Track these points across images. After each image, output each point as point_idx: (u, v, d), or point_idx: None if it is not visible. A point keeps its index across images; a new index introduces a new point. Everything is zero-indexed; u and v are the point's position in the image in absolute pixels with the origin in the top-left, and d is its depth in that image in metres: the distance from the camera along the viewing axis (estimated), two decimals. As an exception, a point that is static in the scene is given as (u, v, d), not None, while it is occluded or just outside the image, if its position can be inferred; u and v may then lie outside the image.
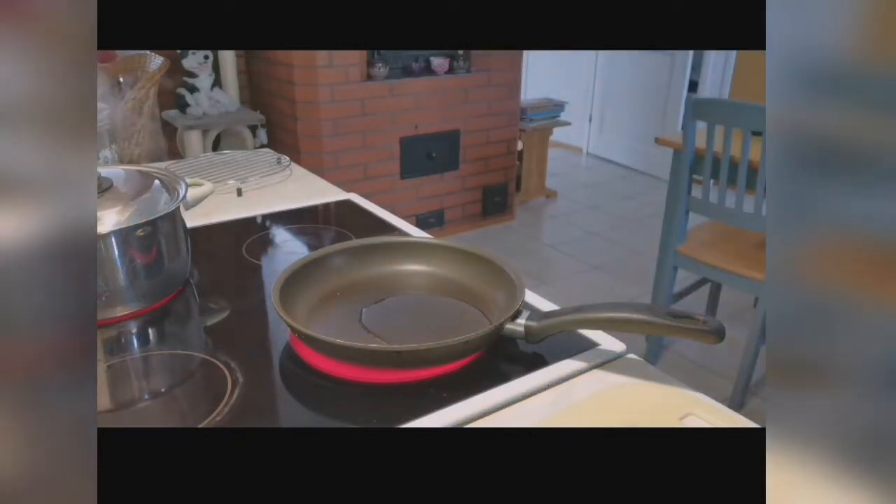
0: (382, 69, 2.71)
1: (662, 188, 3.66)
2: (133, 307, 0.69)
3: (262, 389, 0.57)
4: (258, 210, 1.01)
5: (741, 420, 0.53)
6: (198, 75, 2.53)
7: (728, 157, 1.67)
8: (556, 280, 2.72)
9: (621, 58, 4.15)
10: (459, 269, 0.72)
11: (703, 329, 0.54)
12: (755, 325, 1.74)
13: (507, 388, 0.57)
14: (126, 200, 0.68)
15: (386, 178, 2.86)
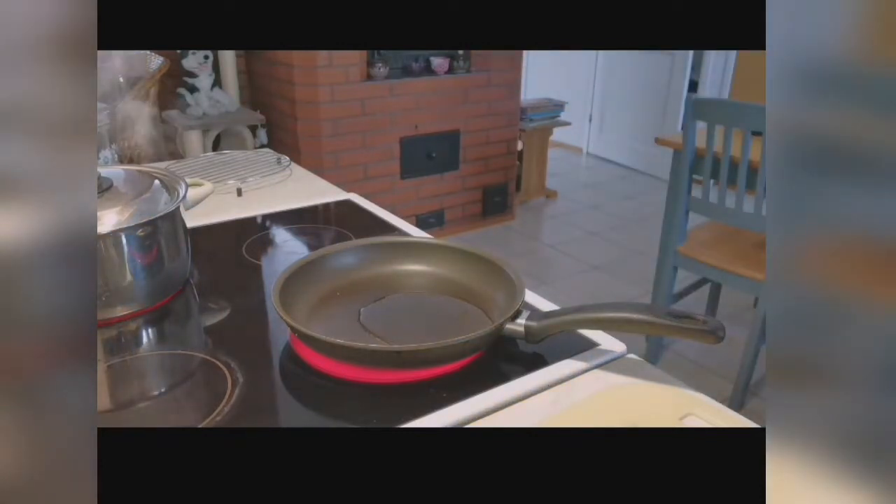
0: (382, 69, 2.71)
1: (662, 188, 3.66)
2: (133, 307, 0.69)
3: (262, 389, 0.57)
4: (258, 210, 1.01)
5: (741, 420, 0.53)
6: (198, 75, 2.53)
7: (728, 157, 1.67)
8: (556, 280, 2.72)
9: (621, 58, 4.15)
10: (459, 269, 0.72)
11: (703, 329, 0.54)
12: (755, 325, 1.74)
13: (507, 388, 0.57)
14: (126, 200, 0.68)
15: (386, 178, 2.86)
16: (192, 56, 2.49)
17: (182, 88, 2.55)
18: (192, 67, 2.51)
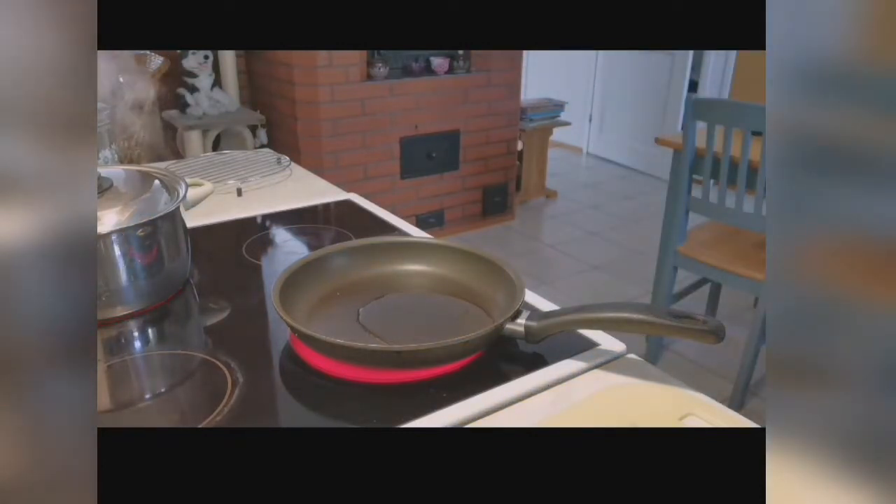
0: (382, 69, 2.71)
1: (662, 188, 3.66)
2: (133, 307, 0.69)
3: (262, 389, 0.57)
4: (258, 210, 1.01)
5: (741, 420, 0.53)
6: (198, 75, 2.53)
7: (728, 157, 1.67)
8: (556, 280, 2.72)
9: (621, 58, 4.15)
10: (459, 269, 0.72)
11: (703, 329, 0.54)
12: (755, 325, 1.74)
13: (507, 388, 0.57)
14: (126, 200, 0.68)
15: (386, 178, 2.86)
16: (192, 56, 2.49)
17: (182, 88, 2.55)
18: (192, 67, 2.51)
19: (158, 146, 2.23)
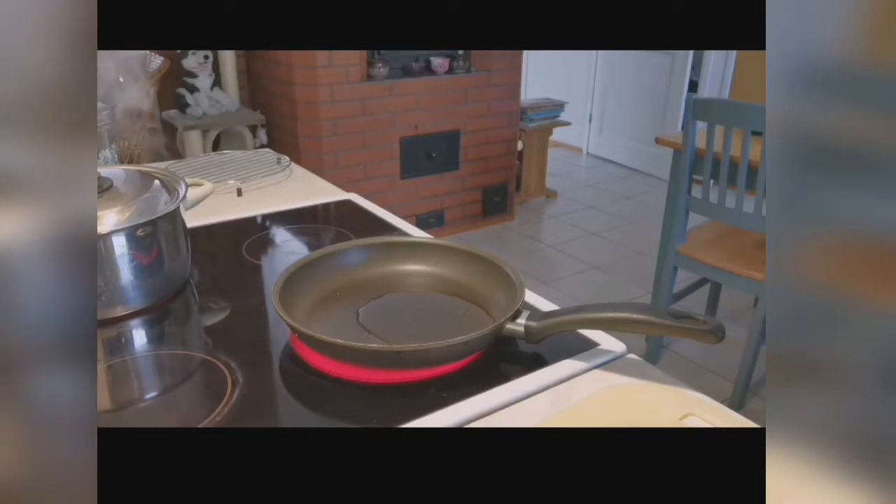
0: (382, 69, 2.70)
1: (662, 188, 3.66)
2: (133, 307, 0.69)
3: (262, 389, 0.57)
4: (258, 210, 1.01)
5: (741, 420, 0.53)
6: (198, 75, 2.53)
7: (728, 157, 1.67)
8: (556, 280, 2.72)
9: (621, 58, 4.15)
10: (459, 269, 0.72)
11: (703, 329, 0.55)
12: (755, 325, 1.74)
13: (507, 388, 0.57)
14: (126, 200, 0.68)
15: (386, 178, 2.86)
16: (192, 56, 2.49)
17: (182, 88, 2.55)
18: (192, 67, 2.51)
19: (158, 146, 2.23)
